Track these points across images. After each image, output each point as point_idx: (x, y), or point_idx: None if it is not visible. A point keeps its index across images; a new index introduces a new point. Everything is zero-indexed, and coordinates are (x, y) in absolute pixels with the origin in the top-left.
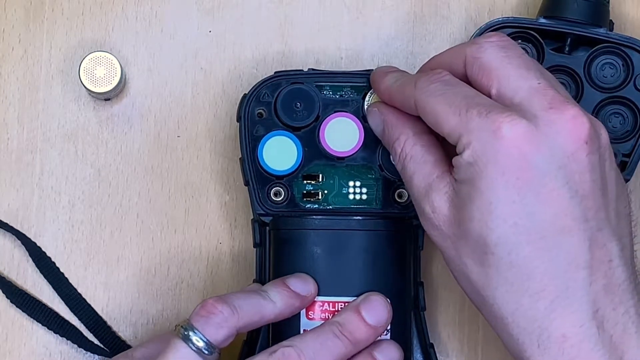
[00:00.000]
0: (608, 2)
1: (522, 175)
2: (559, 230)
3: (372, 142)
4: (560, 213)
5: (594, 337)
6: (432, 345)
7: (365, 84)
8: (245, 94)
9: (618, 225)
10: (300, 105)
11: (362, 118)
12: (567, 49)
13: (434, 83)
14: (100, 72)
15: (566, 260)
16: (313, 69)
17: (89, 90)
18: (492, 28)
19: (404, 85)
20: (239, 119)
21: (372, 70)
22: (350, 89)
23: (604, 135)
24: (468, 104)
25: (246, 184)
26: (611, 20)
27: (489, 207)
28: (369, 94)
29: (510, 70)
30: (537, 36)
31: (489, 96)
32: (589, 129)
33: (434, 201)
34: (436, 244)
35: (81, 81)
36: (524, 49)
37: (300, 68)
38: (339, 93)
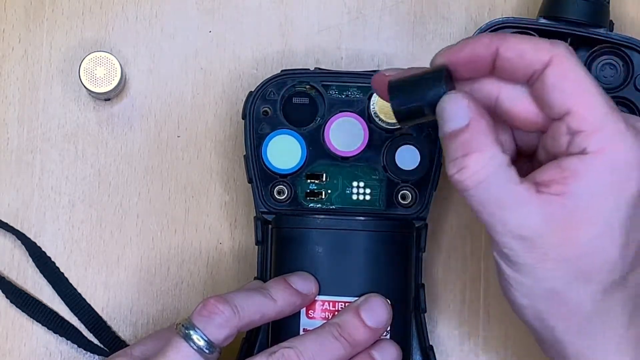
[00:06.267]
0: (608, 2)
1: None
2: None
3: (376, 142)
4: None
5: None
6: (431, 348)
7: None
8: (251, 91)
9: None
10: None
11: (368, 118)
12: None
13: None
14: (100, 72)
15: None
16: (319, 68)
17: (89, 90)
18: (493, 28)
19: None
20: (244, 117)
21: (378, 70)
22: (356, 89)
23: None
24: None
25: (249, 181)
26: (611, 20)
27: None
28: (374, 94)
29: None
30: (537, 36)
31: None
32: None
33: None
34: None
35: (81, 81)
36: None
37: (305, 67)
38: (344, 93)
